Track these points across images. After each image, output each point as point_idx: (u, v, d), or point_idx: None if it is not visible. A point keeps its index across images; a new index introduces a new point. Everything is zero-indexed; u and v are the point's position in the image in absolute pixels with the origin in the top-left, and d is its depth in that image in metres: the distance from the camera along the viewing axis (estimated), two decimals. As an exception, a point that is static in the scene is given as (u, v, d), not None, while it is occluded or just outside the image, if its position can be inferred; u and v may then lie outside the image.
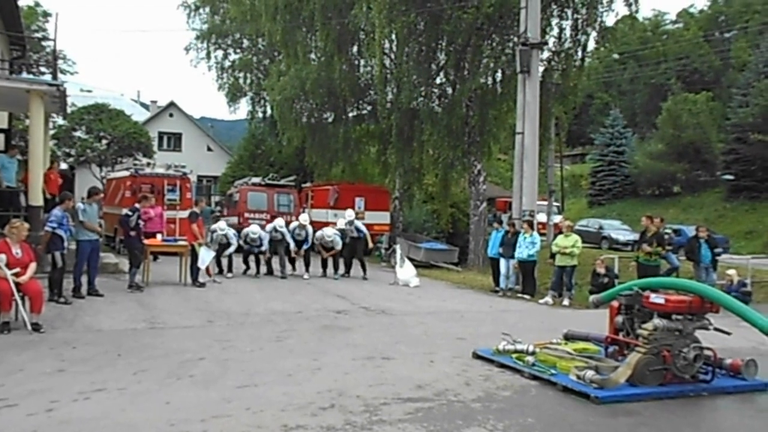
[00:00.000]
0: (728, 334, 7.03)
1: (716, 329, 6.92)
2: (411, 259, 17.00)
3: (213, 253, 13.76)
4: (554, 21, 19.98)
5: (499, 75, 20.31)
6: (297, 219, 16.45)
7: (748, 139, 36.51)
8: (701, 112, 45.22)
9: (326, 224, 22.40)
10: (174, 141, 42.80)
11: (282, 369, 6.73)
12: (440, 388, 6.22)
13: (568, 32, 20.01)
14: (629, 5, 19.88)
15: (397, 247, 16.77)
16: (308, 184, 25.78)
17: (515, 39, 16.71)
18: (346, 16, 20.32)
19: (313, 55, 23.40)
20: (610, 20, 24.49)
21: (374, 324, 9.93)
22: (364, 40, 21.57)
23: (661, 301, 6.76)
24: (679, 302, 6.71)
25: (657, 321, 6.64)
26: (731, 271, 14.71)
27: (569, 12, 19.85)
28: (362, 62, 23.00)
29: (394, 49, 20.08)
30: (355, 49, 22.88)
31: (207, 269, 13.40)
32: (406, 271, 15.39)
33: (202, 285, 12.87)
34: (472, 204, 20.27)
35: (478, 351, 7.71)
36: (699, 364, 6.65)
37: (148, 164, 20.62)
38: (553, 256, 14.00)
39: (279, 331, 8.86)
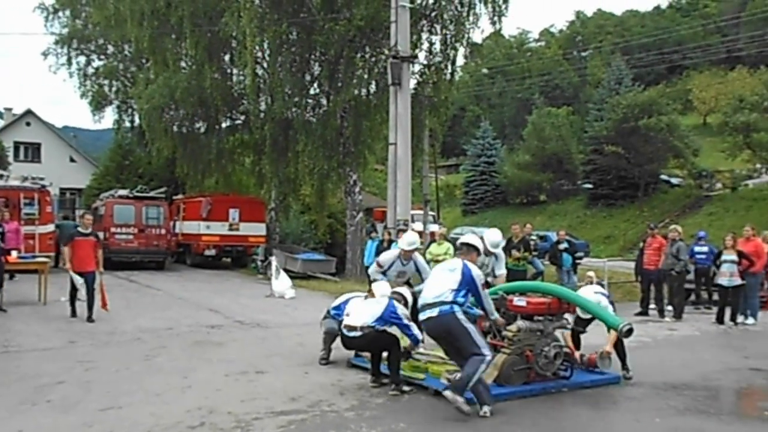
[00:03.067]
0: (584, 331, 7.54)
1: (573, 329, 7.43)
2: (288, 271, 16.76)
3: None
4: (424, 36, 20.36)
5: (372, 87, 20.52)
6: None
7: (604, 150, 39.10)
8: (563, 125, 47.91)
9: (198, 237, 22.18)
10: (32, 151, 40.13)
11: (150, 389, 6.45)
12: (314, 400, 6.18)
13: (438, 47, 20.48)
14: (494, 23, 20.62)
15: (273, 259, 16.51)
16: (180, 196, 24.98)
17: (387, 52, 16.88)
18: (217, 23, 19.85)
19: (183, 63, 22.63)
20: (477, 37, 25.43)
21: (249, 338, 9.73)
22: (236, 48, 21.08)
23: (523, 303, 7.03)
24: (539, 304, 7.02)
25: (520, 323, 6.89)
26: (590, 273, 15.12)
27: (438, 27, 20.33)
28: (235, 71, 22.52)
29: (267, 58, 19.82)
30: (227, 57, 22.39)
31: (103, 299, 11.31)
32: (281, 283, 15.16)
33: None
34: (348, 214, 20.35)
35: (353, 360, 7.69)
36: (559, 362, 6.93)
37: (1, 176, 19.25)
38: (427, 263, 14.23)
39: (147, 350, 8.47)
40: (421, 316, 6.12)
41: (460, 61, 24.93)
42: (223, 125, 24.18)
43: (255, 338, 9.69)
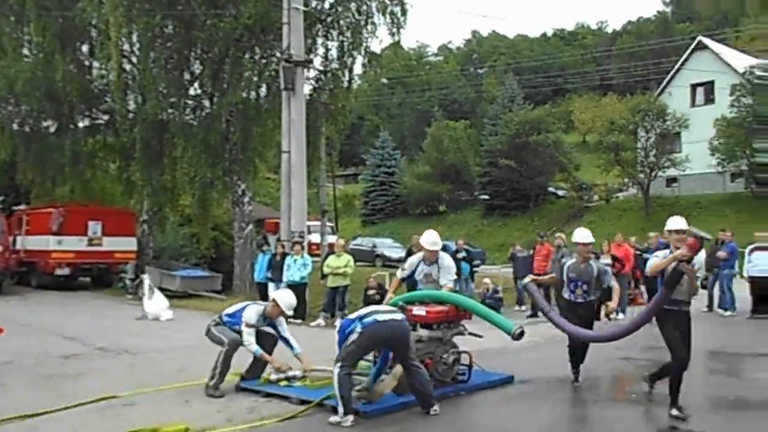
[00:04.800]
0: (480, 336, 7.67)
1: (470, 334, 7.49)
2: (165, 290, 14.75)
3: None
4: (320, 41, 18.96)
5: (263, 90, 18.51)
6: None
7: (499, 163, 40.03)
8: (460, 138, 48.12)
9: (46, 254, 18.68)
10: None
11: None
12: (197, 429, 5.54)
13: (334, 53, 19.03)
14: (392, 33, 19.35)
15: (146, 277, 14.20)
16: (22, 207, 21.51)
17: (278, 55, 15.47)
18: (71, 8, 16.87)
19: (26, 51, 19.12)
20: (375, 46, 23.97)
21: (115, 366, 8.44)
22: (96, 39, 18.07)
23: (423, 313, 7.14)
24: (438, 313, 7.16)
25: (421, 332, 7.05)
26: (486, 280, 15.62)
27: (335, 34, 18.90)
28: (95, 64, 19.17)
29: (137, 52, 17.00)
30: (84, 48, 19.22)
31: None
32: (155, 303, 13.32)
33: None
34: (236, 226, 18.03)
35: (241, 383, 7.11)
36: (457, 367, 7.24)
37: None
38: (324, 276, 13.31)
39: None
40: (386, 317, 6.25)
41: (358, 69, 23.54)
42: (80, 125, 20.41)
43: (123, 366, 8.43)
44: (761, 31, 49.44)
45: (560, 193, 43.56)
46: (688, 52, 41.23)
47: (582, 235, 7.35)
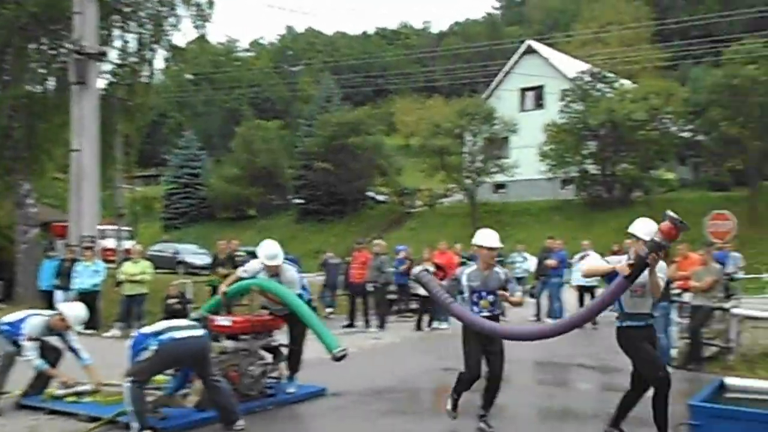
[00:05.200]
0: (290, 347, 7.73)
1: (280, 345, 7.67)
2: None
3: None
4: (117, 32, 19.10)
5: (52, 83, 18.56)
6: None
7: (314, 166, 40.41)
8: (273, 138, 48.54)
9: None
10: None
11: None
12: None
13: (133, 46, 19.34)
14: (198, 27, 20.07)
15: None
16: None
17: (69, 46, 15.47)
18: None
19: None
20: (179, 39, 24.48)
21: None
22: None
23: (228, 323, 7.23)
24: (244, 323, 7.30)
25: (225, 343, 7.11)
26: None
27: (134, 25, 19.22)
28: None
29: None
30: None
31: None
32: None
33: None
34: (19, 229, 18.02)
35: (22, 400, 6.94)
36: (265, 380, 7.29)
37: None
38: (120, 284, 13.39)
39: None
40: (184, 334, 6.18)
41: (160, 64, 23.88)
42: None
43: None
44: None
45: (380, 198, 44.49)
46: (518, 55, 42.65)
47: (487, 237, 6.48)
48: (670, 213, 5.22)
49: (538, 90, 40.90)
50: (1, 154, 17.54)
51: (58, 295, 13.47)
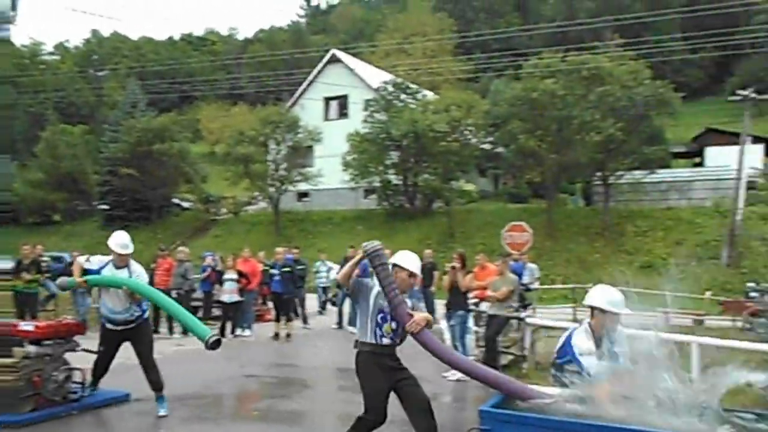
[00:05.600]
0: (96, 353, 7.49)
1: (84, 350, 7.45)
2: None
3: None
4: None
5: None
6: None
7: (120, 172, 38.67)
8: (78, 144, 46.11)
9: None
10: None
11: None
12: None
13: None
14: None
15: None
16: None
17: None
18: None
19: None
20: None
21: None
22: None
23: (31, 328, 6.98)
24: (48, 328, 7.05)
25: (28, 348, 6.82)
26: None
27: None
28: None
29: None
30: None
31: None
32: None
33: None
34: None
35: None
36: (69, 385, 7.06)
37: None
38: None
39: None
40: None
41: None
42: None
43: None
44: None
45: (186, 204, 43.30)
46: (322, 64, 41.27)
47: (407, 259, 5.36)
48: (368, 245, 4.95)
49: (342, 99, 39.82)
50: None
51: None
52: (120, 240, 7.30)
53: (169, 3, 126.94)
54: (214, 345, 6.36)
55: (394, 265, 5.22)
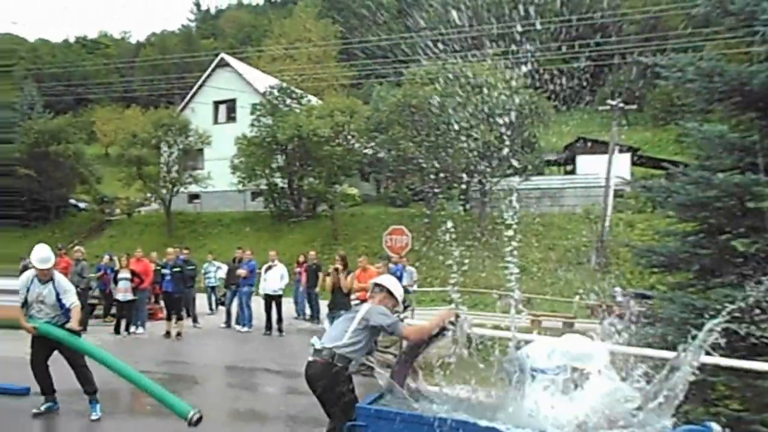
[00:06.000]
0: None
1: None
2: None
3: None
4: None
5: None
6: None
7: (17, 173, 36.09)
8: (-28, 145, 43.49)
9: None
10: None
11: None
12: None
13: None
14: None
15: None
16: None
17: None
18: None
19: None
20: None
21: None
22: None
23: None
24: None
25: None
26: None
27: None
28: None
29: None
30: None
31: None
32: None
33: None
34: None
35: None
36: None
37: None
38: None
39: None
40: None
41: None
42: None
43: None
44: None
45: (82, 205, 42.25)
46: (211, 68, 40.62)
47: (395, 285, 5.18)
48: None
49: (231, 103, 38.77)
50: None
51: None
52: (40, 254, 6.79)
53: (64, 4, 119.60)
54: (198, 422, 5.75)
55: (386, 290, 5.03)
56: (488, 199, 30.42)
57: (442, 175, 29.57)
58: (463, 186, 33.10)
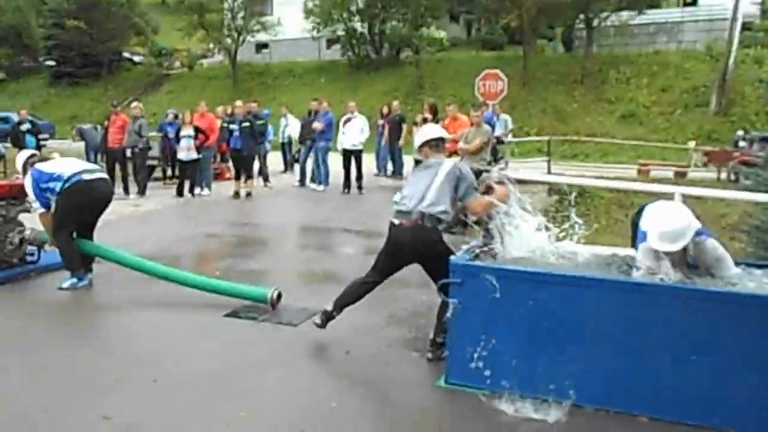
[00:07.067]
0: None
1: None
2: None
3: None
4: None
5: None
6: None
7: (65, 24, 37.22)
8: (19, -5, 43.56)
9: None
10: None
11: None
12: None
13: None
14: None
15: None
16: None
17: None
18: None
19: None
20: None
21: None
22: None
23: None
24: (0, 188, 6.82)
25: None
26: (55, 155, 14.65)
27: None
28: None
29: None
30: None
31: None
32: None
33: None
34: None
35: None
36: (25, 247, 6.90)
37: None
38: None
39: None
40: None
41: None
42: None
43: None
44: None
45: (137, 59, 42.28)
46: None
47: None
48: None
49: None
50: None
51: None
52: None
53: None
54: (279, 298, 5.78)
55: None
56: (595, 37, 29.90)
57: (543, 11, 28.97)
58: (568, 23, 32.53)
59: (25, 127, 15.80)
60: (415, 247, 4.55)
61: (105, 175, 6.77)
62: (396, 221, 4.60)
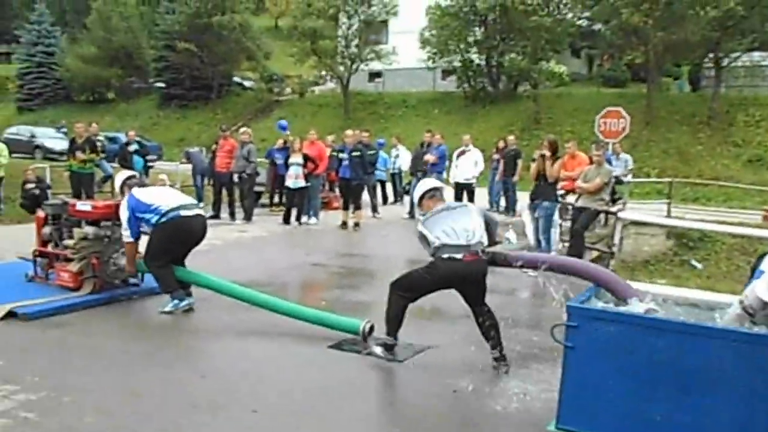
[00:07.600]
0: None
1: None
2: None
3: None
4: None
5: None
6: None
7: (176, 47, 38.60)
8: (132, 16, 45.88)
9: None
10: None
11: None
12: None
13: None
14: None
15: None
16: None
17: None
18: None
19: None
20: None
21: None
22: None
23: (88, 208, 6.96)
24: (106, 208, 6.93)
25: (86, 229, 6.84)
26: (162, 176, 15.65)
27: None
28: None
29: None
30: None
31: None
32: None
33: None
34: None
35: None
36: None
37: None
38: None
39: None
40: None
41: None
42: None
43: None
44: None
45: (247, 84, 43.13)
46: None
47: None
48: None
49: None
50: None
51: None
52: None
53: None
54: (371, 331, 5.85)
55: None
56: (724, 77, 29.47)
57: (670, 49, 28.72)
58: (696, 62, 32.49)
59: (133, 147, 16.18)
60: (477, 278, 5.26)
61: (202, 211, 6.99)
62: (458, 255, 5.09)
